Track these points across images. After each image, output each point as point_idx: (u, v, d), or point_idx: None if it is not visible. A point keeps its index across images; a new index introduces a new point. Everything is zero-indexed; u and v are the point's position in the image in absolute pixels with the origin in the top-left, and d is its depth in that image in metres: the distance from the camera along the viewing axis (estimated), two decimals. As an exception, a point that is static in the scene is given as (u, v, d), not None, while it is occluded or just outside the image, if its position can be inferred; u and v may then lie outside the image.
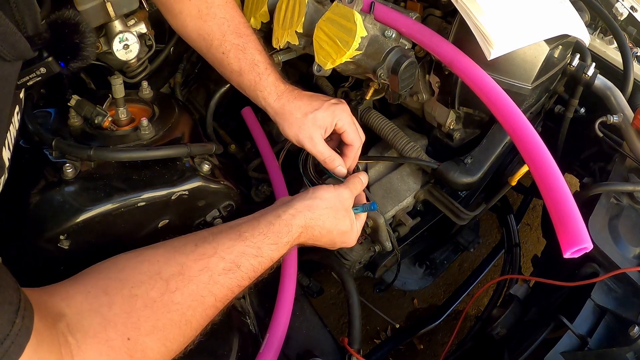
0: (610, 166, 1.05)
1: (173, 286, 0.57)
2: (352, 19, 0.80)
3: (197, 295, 0.59)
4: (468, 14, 0.82)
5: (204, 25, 0.83)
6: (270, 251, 0.67)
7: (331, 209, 0.77)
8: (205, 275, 0.60)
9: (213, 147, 0.87)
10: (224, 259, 0.62)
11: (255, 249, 0.66)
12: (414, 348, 1.64)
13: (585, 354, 0.80)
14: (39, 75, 0.59)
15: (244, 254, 0.64)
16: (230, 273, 0.62)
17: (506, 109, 0.77)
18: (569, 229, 0.63)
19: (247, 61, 0.84)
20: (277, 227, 0.70)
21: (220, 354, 0.78)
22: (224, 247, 0.63)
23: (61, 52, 0.61)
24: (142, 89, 0.93)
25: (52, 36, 0.59)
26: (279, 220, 0.71)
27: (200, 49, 0.87)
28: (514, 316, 0.97)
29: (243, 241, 0.65)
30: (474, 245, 1.27)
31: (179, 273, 0.58)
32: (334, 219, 0.77)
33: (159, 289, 0.56)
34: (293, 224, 0.71)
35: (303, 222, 0.73)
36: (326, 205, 0.76)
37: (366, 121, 1.07)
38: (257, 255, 0.65)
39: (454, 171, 0.94)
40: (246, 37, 0.85)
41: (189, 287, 0.58)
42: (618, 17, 1.23)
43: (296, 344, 0.89)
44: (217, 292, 0.60)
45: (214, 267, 0.61)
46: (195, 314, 0.58)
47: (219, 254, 0.62)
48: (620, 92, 1.05)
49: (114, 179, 0.76)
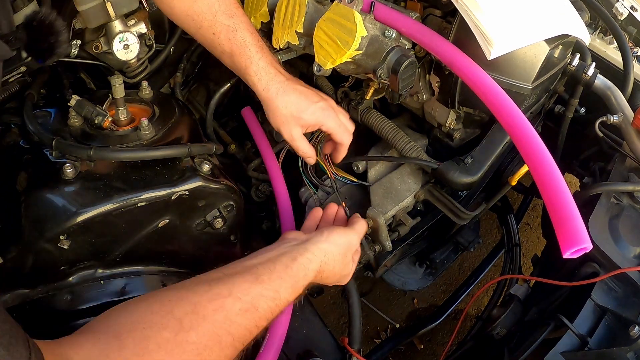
0: (610, 166, 1.05)
1: (187, 325, 0.55)
2: (352, 19, 0.80)
3: (214, 334, 0.56)
4: (468, 14, 0.82)
5: (193, 6, 0.81)
6: (288, 294, 0.67)
7: (343, 255, 0.79)
8: (220, 315, 0.58)
9: (213, 147, 0.87)
10: (241, 300, 0.60)
11: (273, 292, 0.64)
12: (414, 348, 1.64)
13: (585, 354, 0.80)
14: (19, 73, 0.62)
15: (262, 296, 0.63)
16: (248, 314, 0.60)
17: (506, 109, 0.77)
18: (568, 229, 0.63)
19: (238, 43, 0.83)
20: (294, 272, 0.69)
21: (220, 354, 0.78)
22: (240, 289, 0.61)
23: (38, 51, 0.65)
24: (142, 89, 0.93)
25: (29, 36, 0.62)
26: (295, 263, 0.70)
27: (188, 30, 0.86)
28: (514, 316, 0.97)
29: (260, 284, 0.64)
30: (474, 245, 1.27)
31: (192, 312, 0.56)
32: (342, 264, 0.79)
33: (172, 329, 0.54)
34: (310, 268, 0.71)
35: (318, 267, 0.73)
36: (339, 251, 0.78)
37: (366, 121, 1.07)
38: (274, 298, 0.64)
39: (454, 171, 0.94)
40: (237, 18, 0.84)
41: (204, 326, 0.56)
42: (618, 17, 1.23)
43: (296, 344, 0.89)
44: (235, 331, 0.58)
45: (230, 308, 0.59)
46: (212, 354, 0.55)
47: (234, 295, 0.60)
48: (620, 92, 1.05)
49: (114, 179, 0.76)
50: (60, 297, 0.76)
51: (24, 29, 0.62)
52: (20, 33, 0.61)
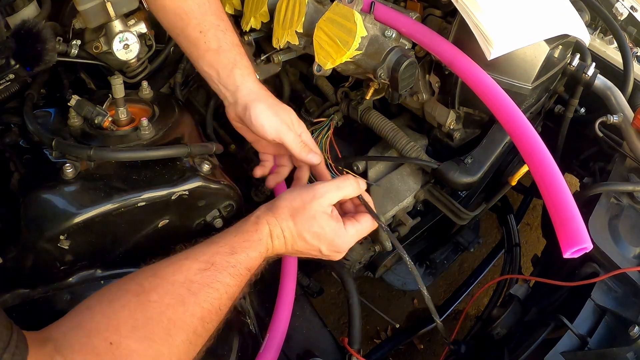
0: (610, 166, 1.05)
1: (148, 287, 0.58)
2: (352, 19, 0.80)
3: (175, 293, 0.58)
4: (468, 14, 0.82)
5: (183, 5, 0.82)
6: (244, 248, 0.66)
7: (293, 208, 0.70)
8: (180, 275, 0.60)
9: (213, 147, 0.87)
10: (198, 260, 0.62)
11: (227, 247, 0.65)
12: (414, 348, 1.64)
13: (585, 354, 0.80)
14: (8, 80, 0.64)
15: (217, 253, 0.64)
16: (207, 272, 0.61)
17: (506, 109, 0.77)
18: (568, 229, 0.63)
19: (227, 41, 0.83)
20: (244, 227, 0.69)
21: (220, 354, 0.78)
22: (196, 252, 0.64)
23: (26, 59, 0.67)
24: (142, 89, 0.93)
25: (17, 45, 0.64)
26: (244, 223, 0.70)
27: (174, 29, 0.85)
28: (514, 316, 0.97)
29: (215, 244, 0.65)
30: (474, 245, 1.27)
31: (152, 275, 0.60)
32: (297, 218, 0.70)
33: (134, 291, 0.58)
34: (259, 222, 0.69)
35: (268, 220, 0.69)
36: (286, 204, 0.71)
37: (366, 121, 1.07)
38: (231, 253, 0.64)
39: (454, 171, 0.94)
40: (226, 23, 0.85)
41: (163, 286, 0.59)
42: (618, 17, 1.23)
43: (296, 344, 0.89)
44: (197, 290, 0.60)
45: (188, 268, 0.61)
46: (176, 312, 0.57)
47: (191, 257, 0.63)
48: (620, 92, 1.05)
49: (114, 179, 0.76)
50: (60, 297, 0.76)
51: (12, 37, 0.64)
52: (9, 42, 0.64)
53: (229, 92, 0.85)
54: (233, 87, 0.84)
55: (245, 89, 0.84)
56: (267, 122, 0.81)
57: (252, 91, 0.84)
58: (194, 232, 0.85)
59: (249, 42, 1.05)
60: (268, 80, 1.05)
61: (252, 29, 0.99)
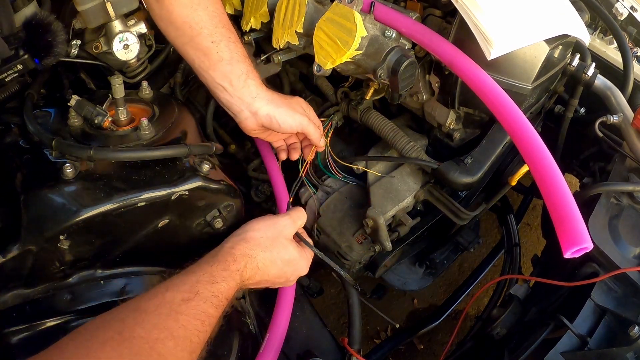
0: (610, 166, 1.05)
1: (131, 322, 0.54)
2: (352, 19, 0.80)
3: (162, 327, 0.55)
4: (468, 14, 0.82)
5: (193, 14, 0.82)
6: (223, 278, 0.66)
7: (268, 238, 0.77)
8: (164, 308, 0.57)
9: (213, 147, 0.87)
10: (180, 291, 0.60)
11: (207, 275, 0.65)
12: (414, 348, 1.64)
13: (585, 354, 0.80)
14: (16, 71, 0.64)
15: (199, 282, 0.63)
16: (192, 302, 0.60)
17: (506, 109, 0.77)
18: (569, 229, 0.63)
19: (238, 52, 0.85)
20: (220, 257, 0.70)
21: (220, 354, 0.78)
22: (174, 282, 0.62)
23: (36, 50, 0.67)
24: (142, 89, 0.93)
25: (27, 36, 0.63)
26: (220, 251, 0.72)
27: (181, 37, 0.85)
28: (514, 316, 0.97)
29: (193, 274, 0.65)
30: (474, 245, 1.27)
31: (134, 310, 0.56)
32: (272, 247, 0.77)
33: (115, 329, 0.52)
34: (236, 252, 0.72)
35: (243, 252, 0.73)
36: (261, 235, 0.77)
37: (366, 121, 1.07)
38: (212, 282, 0.64)
39: (454, 171, 0.94)
40: (235, 36, 0.86)
41: (148, 319, 0.55)
42: (618, 17, 1.23)
43: (296, 344, 0.89)
44: (186, 323, 0.57)
45: (171, 300, 0.58)
46: (166, 346, 0.53)
47: (172, 289, 0.60)
48: (620, 92, 1.05)
49: (114, 179, 0.76)
50: (60, 297, 0.76)
51: (23, 28, 0.64)
52: (20, 32, 0.63)
53: (245, 104, 0.86)
54: (249, 98, 0.86)
55: (262, 100, 0.87)
56: (292, 121, 0.89)
57: (269, 99, 0.87)
58: (194, 232, 0.86)
59: (249, 42, 1.06)
60: (268, 80, 1.05)
61: (252, 29, 0.99)
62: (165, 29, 0.86)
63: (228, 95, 0.86)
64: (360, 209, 1.02)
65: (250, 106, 0.87)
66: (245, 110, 0.87)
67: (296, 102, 0.93)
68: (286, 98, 0.92)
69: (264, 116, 0.87)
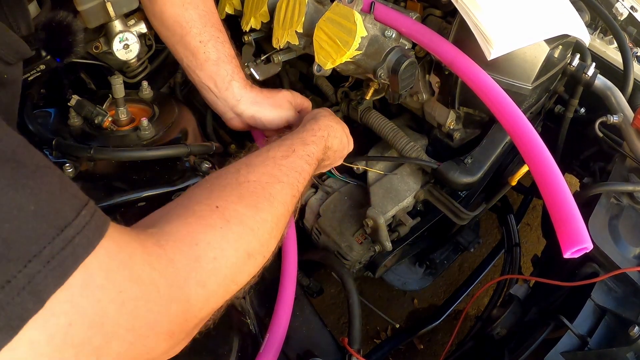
0: (610, 166, 1.05)
1: (243, 172, 0.60)
2: (352, 19, 0.80)
3: (269, 174, 0.62)
4: (468, 14, 0.82)
5: (184, 13, 0.84)
6: (313, 141, 0.75)
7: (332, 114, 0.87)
8: (269, 161, 0.65)
9: (213, 146, 0.87)
10: (280, 149, 0.69)
11: (300, 139, 0.74)
12: (414, 348, 1.64)
13: (585, 354, 0.80)
14: (39, 71, 0.65)
15: (294, 143, 0.72)
16: (290, 157, 0.68)
17: (506, 109, 0.77)
18: (569, 229, 0.63)
19: (225, 53, 0.87)
20: (308, 126, 0.79)
21: (220, 354, 0.78)
22: (275, 144, 0.70)
23: (57, 50, 0.69)
24: (142, 89, 0.93)
25: (48, 36, 0.66)
26: (308, 122, 0.81)
27: (172, 36, 0.87)
28: (514, 316, 0.97)
29: (288, 139, 0.73)
30: (474, 245, 1.27)
31: (245, 164, 0.63)
32: (340, 121, 0.88)
33: (231, 177, 0.59)
34: (320, 122, 0.81)
35: (326, 123, 0.82)
36: (326, 113, 0.86)
37: (366, 121, 1.07)
38: (304, 144, 0.73)
39: (454, 171, 0.94)
40: (224, 36, 0.88)
41: (258, 169, 0.62)
42: (618, 17, 1.23)
43: (296, 344, 0.89)
44: (287, 172, 0.65)
45: (274, 155, 0.67)
46: (274, 189, 0.60)
47: (273, 148, 0.69)
48: (620, 92, 1.05)
49: (114, 179, 0.76)
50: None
51: (43, 29, 0.66)
52: (40, 33, 0.65)
53: (230, 105, 0.89)
54: (233, 101, 0.88)
55: (245, 102, 0.89)
56: (278, 120, 0.92)
57: (253, 100, 0.89)
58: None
59: (249, 42, 1.06)
60: (268, 80, 1.05)
61: (252, 29, 0.99)
62: (158, 27, 0.88)
63: (213, 95, 0.89)
64: (360, 209, 1.02)
65: (234, 108, 0.89)
66: (229, 111, 0.90)
67: (282, 97, 0.94)
68: (271, 95, 0.93)
69: (248, 117, 0.91)
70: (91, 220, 0.36)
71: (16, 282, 0.31)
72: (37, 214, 0.32)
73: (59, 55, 0.72)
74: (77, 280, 0.33)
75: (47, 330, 0.32)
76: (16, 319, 0.31)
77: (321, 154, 0.77)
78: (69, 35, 0.69)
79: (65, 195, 0.36)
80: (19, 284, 0.31)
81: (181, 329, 0.43)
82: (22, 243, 0.31)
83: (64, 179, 0.37)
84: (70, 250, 0.33)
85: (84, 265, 0.34)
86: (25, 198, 0.32)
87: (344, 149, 0.89)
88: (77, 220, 0.35)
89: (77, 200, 0.36)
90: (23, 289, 0.31)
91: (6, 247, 0.31)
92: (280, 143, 0.71)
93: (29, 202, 0.32)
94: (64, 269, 0.33)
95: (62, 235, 0.33)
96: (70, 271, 0.33)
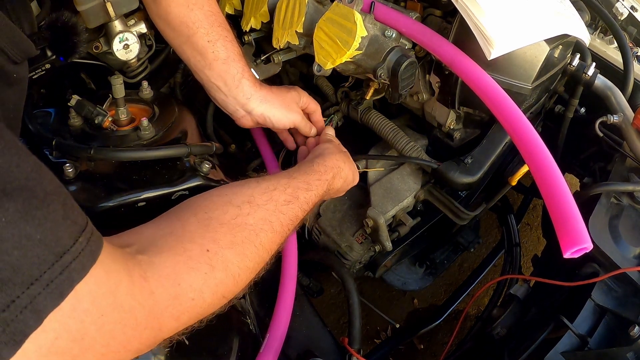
0: (610, 166, 1.05)
1: (245, 211, 0.62)
2: (352, 19, 0.80)
3: (267, 220, 0.64)
4: (468, 14, 0.82)
5: (189, 13, 0.84)
6: (316, 186, 0.76)
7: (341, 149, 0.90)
8: (271, 205, 0.66)
9: (213, 147, 0.87)
10: (285, 193, 0.69)
11: (305, 184, 0.74)
12: (414, 348, 1.64)
13: (585, 354, 0.80)
14: (44, 70, 0.68)
15: (299, 188, 0.72)
16: (291, 204, 0.69)
17: (506, 109, 0.77)
18: (569, 229, 0.63)
19: (234, 51, 0.87)
20: (316, 167, 0.80)
21: (220, 354, 0.78)
22: (281, 183, 0.71)
23: (61, 50, 0.71)
24: (142, 89, 0.93)
25: (53, 36, 0.68)
26: (315, 160, 0.82)
27: (178, 37, 0.86)
28: (514, 316, 0.97)
29: (295, 179, 0.74)
30: (474, 245, 1.27)
31: (248, 202, 0.64)
32: (348, 156, 0.90)
33: (232, 213, 0.61)
34: (328, 164, 0.82)
35: (334, 163, 0.83)
36: (335, 149, 0.88)
37: (366, 121, 1.07)
38: (307, 190, 0.74)
39: (454, 171, 0.94)
40: (232, 35, 0.88)
41: (258, 212, 0.63)
42: (618, 17, 1.23)
43: (296, 344, 0.89)
44: (282, 220, 0.66)
45: (277, 199, 0.67)
46: (266, 237, 0.63)
47: (279, 189, 0.69)
48: (621, 92, 1.05)
49: (114, 179, 0.76)
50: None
51: (48, 29, 0.68)
52: (45, 33, 0.67)
53: (240, 104, 0.89)
54: (244, 99, 0.88)
55: (256, 100, 0.89)
56: (285, 120, 0.93)
57: (263, 99, 0.90)
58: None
59: (249, 42, 1.06)
60: (268, 80, 1.05)
61: (252, 29, 0.99)
62: (163, 28, 0.87)
63: (223, 94, 0.89)
64: (360, 209, 1.02)
65: (244, 106, 0.89)
66: (240, 109, 0.90)
67: (290, 98, 0.94)
68: (280, 95, 0.93)
69: (258, 115, 0.91)
70: (86, 247, 0.41)
71: (19, 302, 0.35)
72: (42, 242, 0.37)
73: (64, 54, 0.74)
74: (68, 304, 0.38)
75: (37, 342, 0.37)
76: (19, 334, 0.35)
77: (320, 198, 0.78)
78: (74, 35, 0.71)
79: (66, 223, 0.40)
80: (22, 304, 0.35)
81: (149, 347, 0.49)
82: (27, 268, 0.36)
83: (67, 203, 0.42)
84: (66, 274, 0.38)
85: (75, 291, 0.39)
86: (34, 229, 0.37)
87: (347, 187, 0.90)
88: (74, 247, 0.39)
89: (76, 227, 0.41)
90: (25, 307, 0.36)
91: (14, 272, 0.35)
92: (287, 182, 0.72)
93: (36, 232, 0.37)
94: (61, 291, 0.38)
95: (61, 262, 0.38)
96: (66, 293, 0.38)
